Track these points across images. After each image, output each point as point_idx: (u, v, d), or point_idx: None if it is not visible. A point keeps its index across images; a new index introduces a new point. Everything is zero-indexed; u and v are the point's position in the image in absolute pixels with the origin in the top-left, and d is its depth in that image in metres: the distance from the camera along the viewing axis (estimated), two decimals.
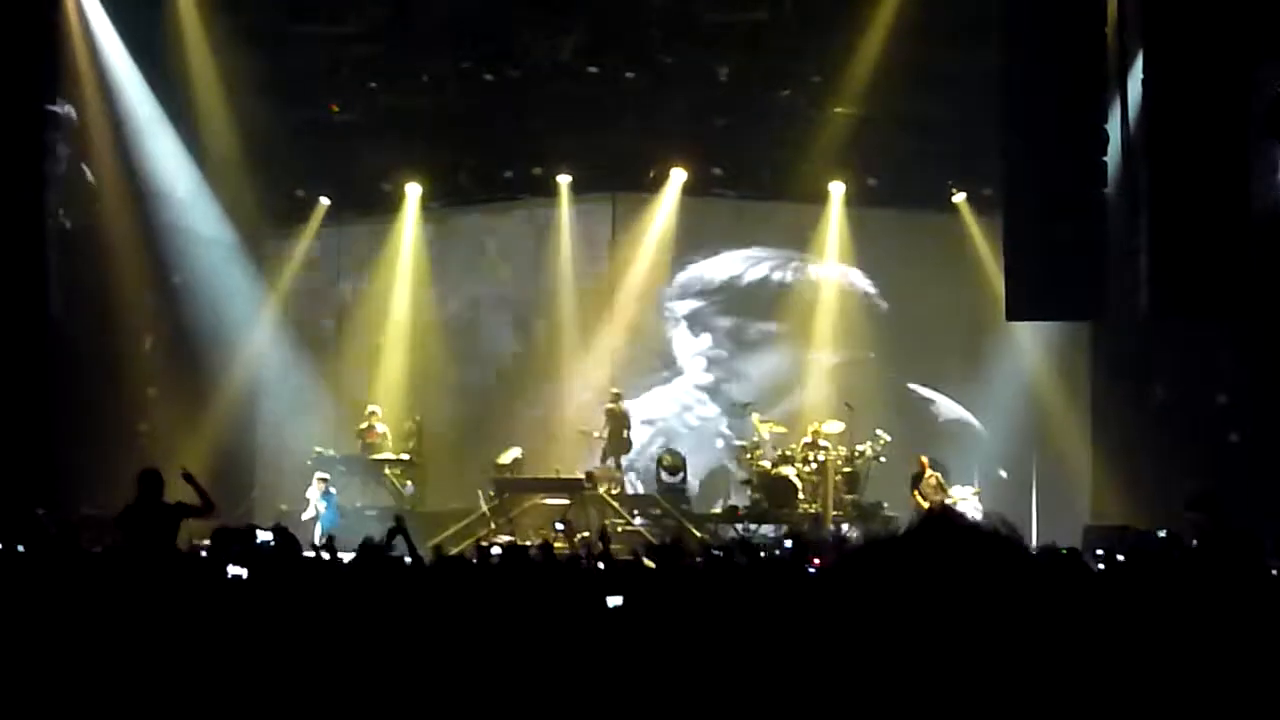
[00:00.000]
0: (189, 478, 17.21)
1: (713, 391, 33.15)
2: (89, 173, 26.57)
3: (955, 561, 2.51)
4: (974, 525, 2.61)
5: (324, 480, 28.77)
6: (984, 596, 2.48)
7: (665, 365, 33.23)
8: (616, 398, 30.82)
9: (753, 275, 33.32)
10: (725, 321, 33.24)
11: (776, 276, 33.16)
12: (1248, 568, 10.89)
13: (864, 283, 32.71)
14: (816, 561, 13.14)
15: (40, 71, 23.09)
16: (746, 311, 33.19)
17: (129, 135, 27.42)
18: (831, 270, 32.62)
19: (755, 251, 33.25)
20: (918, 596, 2.48)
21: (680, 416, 33.16)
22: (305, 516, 27.68)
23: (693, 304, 33.15)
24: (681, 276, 33.08)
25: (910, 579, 2.50)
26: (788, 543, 11.43)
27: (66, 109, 25.01)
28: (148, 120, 27.63)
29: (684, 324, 33.24)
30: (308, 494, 28.73)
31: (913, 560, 2.53)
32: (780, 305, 32.98)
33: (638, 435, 31.46)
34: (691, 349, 33.23)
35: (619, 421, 30.61)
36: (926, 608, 2.46)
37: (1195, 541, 14.89)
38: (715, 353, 33.17)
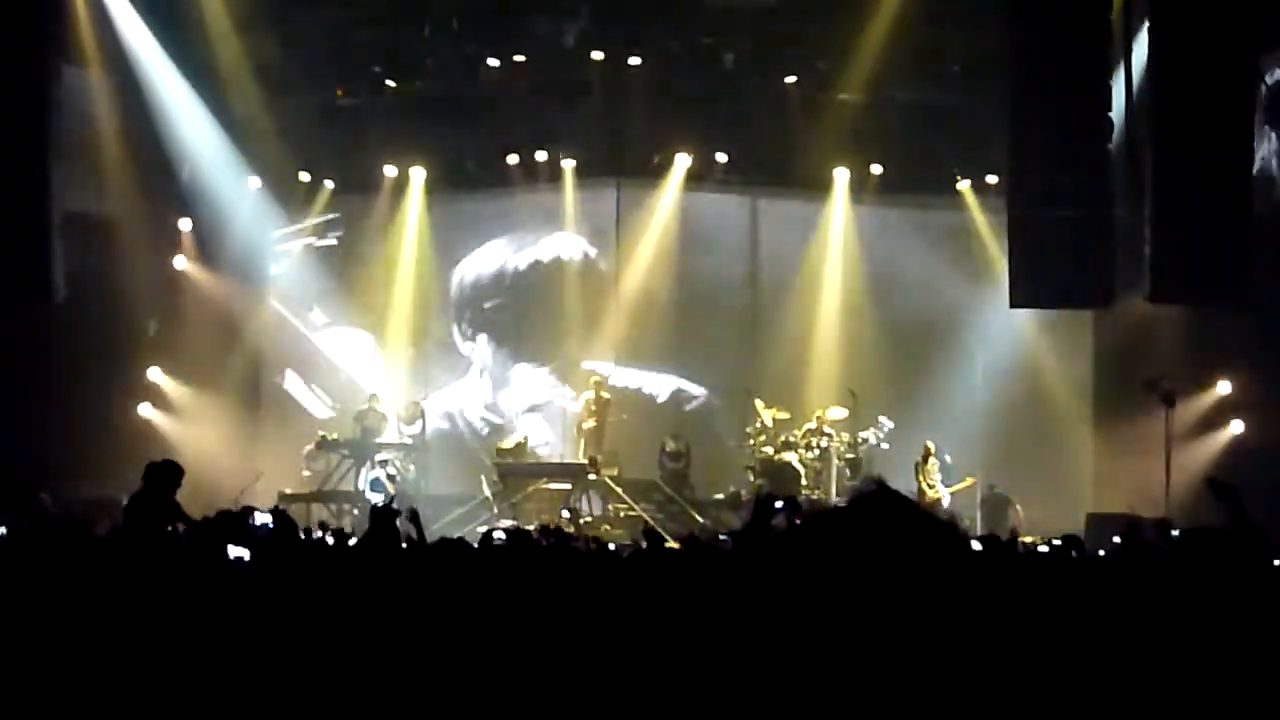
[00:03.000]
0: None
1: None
2: (94, 157, 26.55)
3: (889, 537, 2.54)
4: (905, 503, 2.65)
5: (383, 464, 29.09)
6: (905, 569, 2.51)
7: (666, 350, 33.07)
8: (599, 385, 30.79)
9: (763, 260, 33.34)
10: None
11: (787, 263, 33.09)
12: (1255, 564, 10.84)
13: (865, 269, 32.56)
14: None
15: (46, 52, 23.04)
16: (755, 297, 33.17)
17: (134, 120, 27.39)
18: (835, 257, 32.54)
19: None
20: (852, 571, 2.51)
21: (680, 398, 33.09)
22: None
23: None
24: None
25: (845, 554, 2.54)
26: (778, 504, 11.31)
27: (72, 89, 24.94)
28: (152, 105, 27.61)
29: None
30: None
31: (843, 536, 2.57)
32: (786, 290, 32.87)
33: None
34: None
35: (604, 408, 30.58)
36: (859, 582, 2.50)
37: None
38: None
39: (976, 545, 14.42)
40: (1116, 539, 16.83)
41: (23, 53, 22.54)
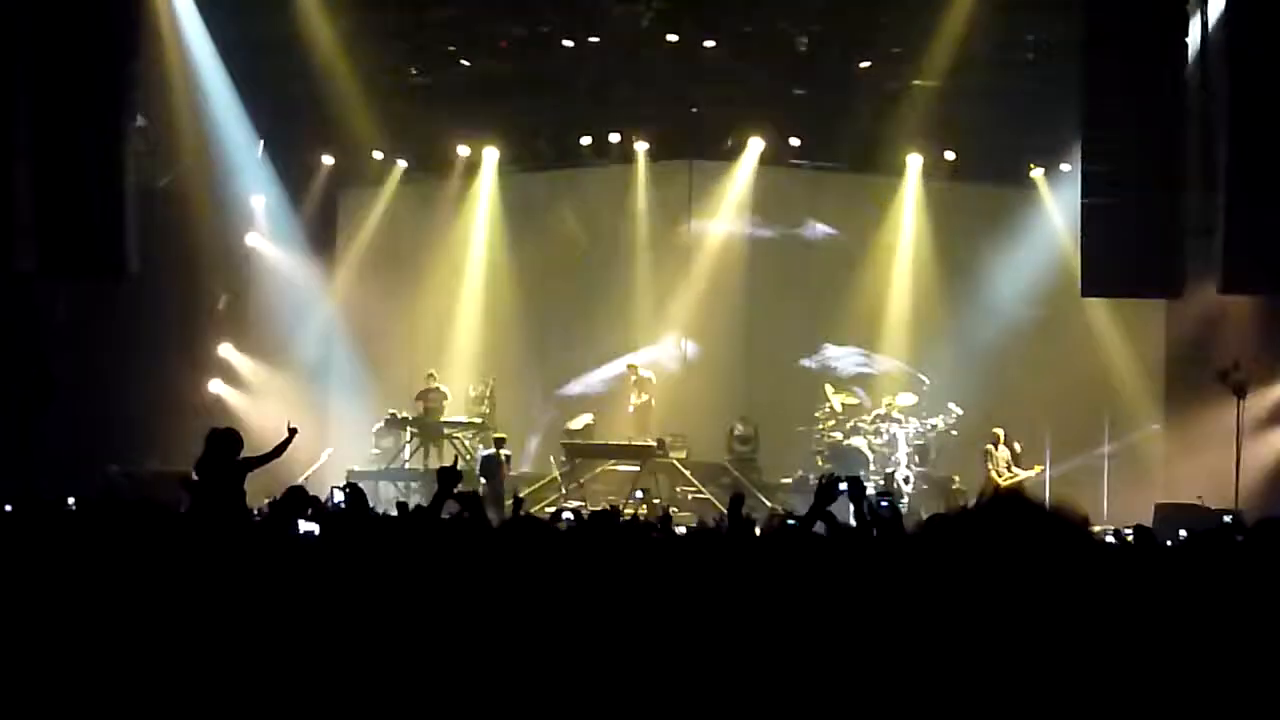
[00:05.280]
0: (292, 433, 17.86)
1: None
2: (169, 132, 26.64)
3: (1019, 540, 2.51)
4: (1040, 507, 2.62)
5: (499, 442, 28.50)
6: (1044, 575, 2.48)
7: (741, 334, 32.93)
8: (634, 369, 30.90)
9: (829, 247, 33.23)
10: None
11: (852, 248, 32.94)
12: None
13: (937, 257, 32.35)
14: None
15: (120, 29, 23.09)
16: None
17: (208, 95, 27.46)
18: (907, 244, 32.40)
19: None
20: (982, 573, 2.49)
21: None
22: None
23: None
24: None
25: (975, 556, 2.51)
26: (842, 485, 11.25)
27: (148, 67, 24.97)
28: (225, 81, 27.64)
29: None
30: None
31: (978, 537, 2.54)
32: (856, 278, 32.69)
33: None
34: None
35: (647, 391, 30.66)
36: (989, 584, 2.47)
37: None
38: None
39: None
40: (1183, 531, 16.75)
41: (100, 31, 22.60)
